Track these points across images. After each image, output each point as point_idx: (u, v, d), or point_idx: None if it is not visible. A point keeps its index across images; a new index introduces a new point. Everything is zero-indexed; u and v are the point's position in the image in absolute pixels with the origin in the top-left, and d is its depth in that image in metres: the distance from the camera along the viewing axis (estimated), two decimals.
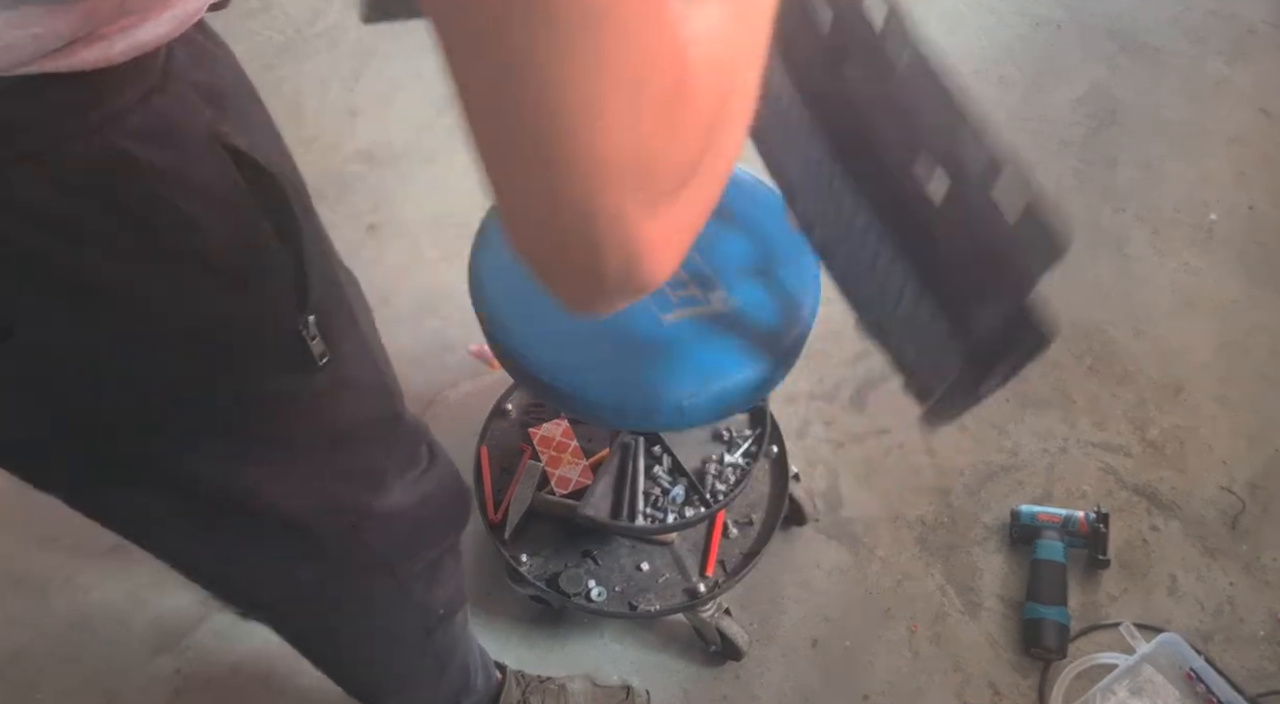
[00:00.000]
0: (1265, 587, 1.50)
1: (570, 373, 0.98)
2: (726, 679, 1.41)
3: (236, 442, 0.67)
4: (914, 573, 1.52)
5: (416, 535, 0.87)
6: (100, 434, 0.62)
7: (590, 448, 1.36)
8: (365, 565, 0.84)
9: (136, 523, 0.74)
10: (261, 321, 0.62)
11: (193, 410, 0.63)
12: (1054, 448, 1.66)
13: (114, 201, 0.52)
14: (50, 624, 1.46)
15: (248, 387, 0.64)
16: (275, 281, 0.62)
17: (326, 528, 0.78)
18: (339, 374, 0.69)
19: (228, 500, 0.70)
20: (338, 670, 1.04)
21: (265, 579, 0.82)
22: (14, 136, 0.48)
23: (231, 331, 0.61)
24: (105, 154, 0.51)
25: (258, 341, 0.63)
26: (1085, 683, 1.40)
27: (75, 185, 0.50)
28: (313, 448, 0.73)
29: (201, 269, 0.57)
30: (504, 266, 1.07)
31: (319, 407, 0.70)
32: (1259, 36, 2.39)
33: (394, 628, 0.94)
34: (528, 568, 1.33)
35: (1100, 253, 1.93)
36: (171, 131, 0.54)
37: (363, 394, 0.76)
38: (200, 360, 0.60)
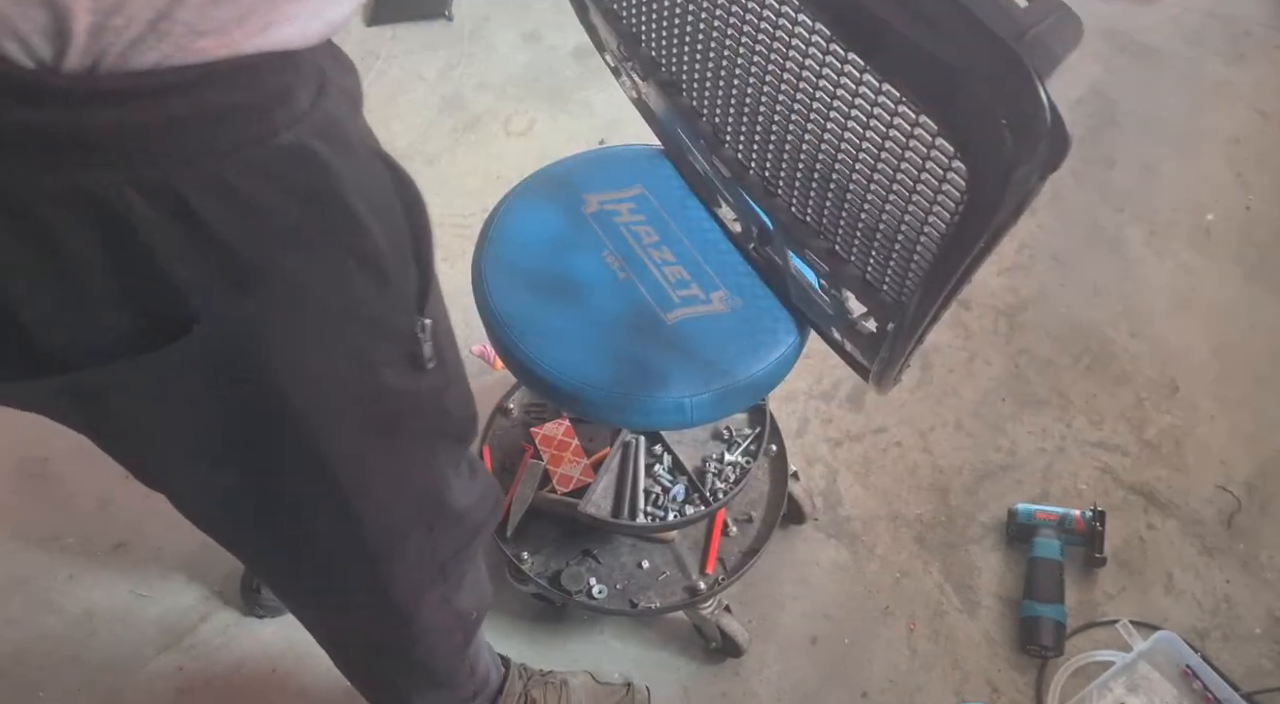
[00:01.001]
0: (1262, 585, 1.51)
1: (572, 372, 0.99)
2: (726, 676, 1.42)
3: (360, 436, 0.69)
4: (912, 571, 1.53)
5: (468, 537, 0.89)
6: (269, 424, 0.63)
7: (591, 447, 1.37)
8: (429, 575, 0.87)
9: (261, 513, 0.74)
10: (391, 319, 0.66)
11: (335, 400, 0.65)
12: (1051, 447, 1.67)
13: (305, 196, 0.55)
14: (53, 623, 1.47)
15: (376, 380, 0.67)
16: (406, 282, 0.65)
17: (412, 531, 0.81)
18: (443, 376, 0.73)
19: (343, 495, 0.71)
20: (371, 675, 1.05)
21: (334, 577, 0.83)
22: (229, 126, 0.50)
23: (369, 326, 0.64)
24: (297, 149, 0.54)
25: (385, 337, 0.66)
26: (1082, 680, 1.41)
27: (276, 178, 0.53)
28: (415, 446, 0.76)
29: (358, 264, 0.60)
30: (507, 266, 1.08)
31: (425, 406, 0.74)
32: (1256, 38, 2.40)
33: (437, 635, 0.96)
34: (529, 566, 1.33)
35: (1098, 253, 1.94)
36: (337, 132, 0.57)
37: (459, 397, 0.80)
38: (343, 351, 0.63)
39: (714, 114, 0.92)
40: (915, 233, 0.72)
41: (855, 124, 0.72)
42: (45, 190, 0.48)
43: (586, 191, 1.14)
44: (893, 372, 0.85)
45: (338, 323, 0.62)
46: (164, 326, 0.54)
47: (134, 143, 0.48)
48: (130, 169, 0.48)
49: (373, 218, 0.59)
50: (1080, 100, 2.24)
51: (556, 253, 1.09)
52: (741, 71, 0.82)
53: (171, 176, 0.49)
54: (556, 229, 1.11)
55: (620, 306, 1.05)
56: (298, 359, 0.60)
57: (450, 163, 2.09)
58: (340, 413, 0.66)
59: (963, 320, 1.84)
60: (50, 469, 1.61)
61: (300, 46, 0.52)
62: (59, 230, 0.49)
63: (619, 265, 1.08)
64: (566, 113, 2.20)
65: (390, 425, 0.71)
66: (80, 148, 0.47)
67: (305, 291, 0.58)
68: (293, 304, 0.58)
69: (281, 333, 0.59)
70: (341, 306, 0.61)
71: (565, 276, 1.07)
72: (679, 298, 1.05)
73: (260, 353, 0.59)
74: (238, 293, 0.55)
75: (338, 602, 0.88)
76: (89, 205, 0.48)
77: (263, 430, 0.64)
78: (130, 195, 0.48)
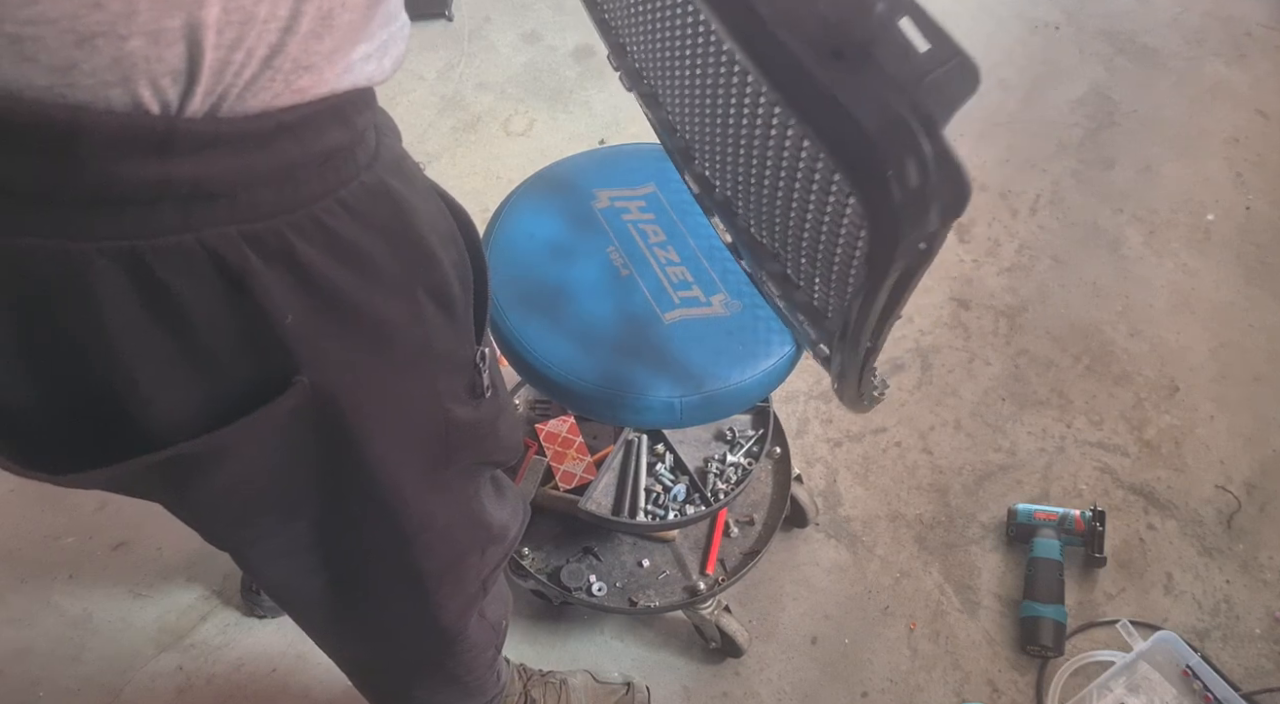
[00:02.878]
0: (1262, 585, 1.51)
1: (565, 366, 1.00)
2: (726, 676, 1.42)
3: (429, 471, 0.69)
4: (912, 571, 1.53)
5: (508, 551, 0.90)
6: (346, 469, 0.62)
7: (595, 445, 1.37)
8: (475, 594, 0.87)
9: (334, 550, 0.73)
10: (456, 351, 0.65)
11: (410, 438, 0.65)
12: (1051, 447, 1.67)
13: (387, 232, 0.54)
14: (53, 622, 1.46)
15: (445, 414, 0.66)
16: (468, 313, 0.66)
17: (469, 556, 0.81)
18: (497, 404, 0.74)
19: (410, 531, 0.71)
20: (400, 696, 1.04)
21: (388, 611, 0.83)
22: (328, 167, 0.50)
23: (439, 359, 0.63)
24: (378, 187, 0.53)
25: (452, 369, 0.66)
26: (1082, 680, 1.41)
27: (362, 216, 0.52)
28: (472, 474, 0.76)
29: (430, 297, 0.60)
30: (513, 258, 1.08)
31: (484, 433, 0.74)
32: (1256, 38, 2.40)
33: (476, 652, 0.96)
34: (530, 562, 1.33)
35: (1098, 253, 1.95)
36: (404, 168, 0.57)
37: (510, 422, 0.80)
38: (418, 387, 0.63)
39: (685, 130, 0.92)
40: (845, 266, 0.73)
41: (774, 150, 0.73)
42: (168, 251, 0.46)
43: (598, 187, 1.14)
44: (851, 393, 0.85)
45: (415, 358, 0.61)
46: (265, 384, 0.53)
47: (251, 191, 0.47)
48: (247, 220, 0.47)
49: (442, 250, 0.59)
50: (1080, 101, 2.24)
51: (563, 246, 1.09)
52: (699, 93, 0.82)
53: (279, 223, 0.48)
54: (565, 223, 1.11)
55: (620, 303, 1.05)
56: (381, 400, 0.60)
57: (450, 163, 2.09)
58: (413, 450, 0.66)
59: (963, 321, 1.84)
60: None
61: (378, 82, 0.53)
62: (181, 292, 0.47)
63: (623, 262, 1.08)
64: (566, 113, 2.20)
65: (451, 457, 0.71)
66: (203, 200, 0.45)
67: (390, 329, 0.58)
68: (379, 344, 0.57)
69: (369, 374, 0.58)
70: (418, 341, 0.60)
71: (569, 271, 1.07)
72: (679, 299, 1.05)
73: (349, 397, 0.58)
74: (335, 338, 0.54)
75: (385, 633, 0.87)
76: (209, 262, 0.47)
77: (339, 476, 0.63)
78: (246, 249, 0.47)
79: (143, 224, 0.45)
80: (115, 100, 0.42)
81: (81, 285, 0.45)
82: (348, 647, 0.94)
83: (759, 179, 0.79)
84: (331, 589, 0.77)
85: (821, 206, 0.70)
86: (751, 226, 0.88)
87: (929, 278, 1.89)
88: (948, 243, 1.95)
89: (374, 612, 0.83)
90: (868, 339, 0.71)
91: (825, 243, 0.73)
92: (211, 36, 0.42)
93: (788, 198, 0.75)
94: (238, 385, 0.53)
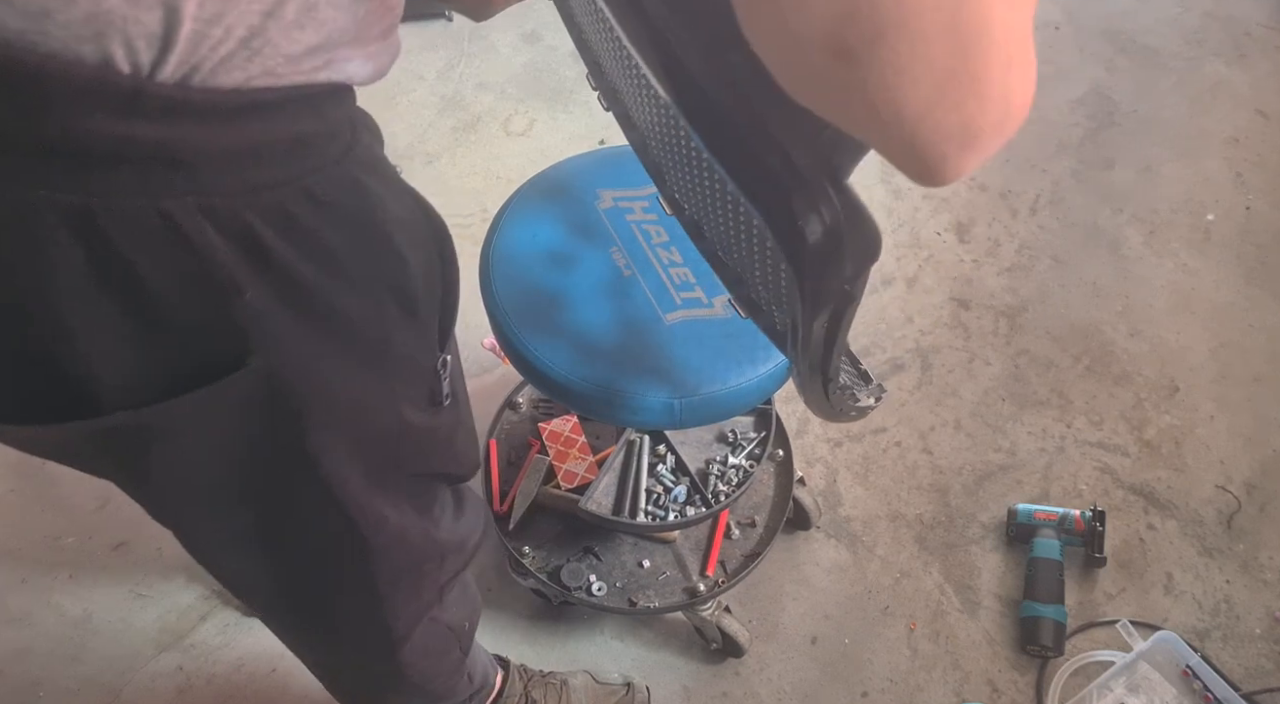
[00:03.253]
0: (1262, 585, 1.51)
1: (564, 365, 1.00)
2: (726, 676, 1.42)
3: (380, 473, 0.68)
4: (912, 571, 1.53)
5: (467, 559, 0.90)
6: (295, 460, 0.62)
7: (598, 444, 1.37)
8: (430, 601, 0.86)
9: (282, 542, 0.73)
10: (417, 355, 0.65)
11: (361, 436, 0.64)
12: (1051, 447, 1.67)
13: (354, 226, 0.54)
14: (53, 623, 1.46)
15: (399, 417, 0.66)
16: (433, 319, 0.65)
17: (426, 564, 0.81)
18: (456, 414, 0.73)
19: (360, 533, 0.70)
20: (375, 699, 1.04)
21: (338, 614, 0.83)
22: (296, 154, 0.50)
23: (398, 361, 0.63)
24: (349, 180, 0.54)
25: (411, 373, 0.65)
26: (1082, 680, 1.41)
27: (329, 207, 0.52)
28: (426, 483, 0.76)
29: (394, 297, 0.59)
30: (515, 256, 1.08)
31: (440, 443, 0.73)
32: (1256, 38, 2.40)
33: (433, 659, 0.95)
34: (530, 560, 1.34)
35: (1098, 253, 1.95)
36: (379, 168, 0.57)
37: (467, 437, 0.80)
38: (373, 386, 0.62)
39: (655, 153, 0.93)
40: (789, 300, 0.73)
41: (715, 186, 0.73)
42: (123, 214, 0.46)
43: (602, 187, 1.15)
44: (823, 410, 0.86)
45: (373, 357, 0.61)
46: (215, 363, 0.52)
47: (213, 165, 0.47)
48: (206, 194, 0.47)
49: (410, 252, 0.59)
50: (1080, 100, 2.24)
51: (566, 246, 1.09)
52: (653, 121, 0.83)
53: (239, 203, 0.48)
54: (568, 222, 1.11)
55: (621, 303, 1.05)
56: (336, 394, 0.60)
57: (450, 163, 2.09)
58: (364, 449, 0.65)
59: (963, 321, 1.84)
60: (50, 468, 1.61)
61: (359, 82, 0.53)
62: (133, 258, 0.47)
63: (625, 263, 1.08)
64: (566, 113, 2.20)
65: (403, 463, 0.70)
66: (164, 167, 0.45)
67: (350, 324, 0.57)
68: (338, 337, 0.57)
69: (325, 365, 0.58)
70: (377, 341, 0.60)
71: (571, 270, 1.07)
72: (681, 300, 1.05)
73: (303, 386, 0.57)
74: (292, 325, 0.54)
75: (336, 635, 0.87)
76: (164, 231, 0.46)
77: (289, 468, 0.63)
78: (203, 221, 0.47)
79: (100, 183, 0.44)
80: (87, 55, 0.42)
81: (31, 236, 0.45)
82: (307, 649, 0.94)
83: (712, 208, 0.80)
84: (282, 585, 0.77)
85: (757, 244, 0.71)
86: (719, 250, 0.89)
87: (929, 278, 1.90)
88: (948, 243, 1.96)
89: (324, 613, 0.82)
90: (820, 368, 0.72)
91: (771, 277, 0.74)
92: (192, 8, 0.42)
93: (735, 231, 0.76)
94: (189, 362, 0.52)
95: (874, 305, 1.85)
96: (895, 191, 2.05)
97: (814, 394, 0.79)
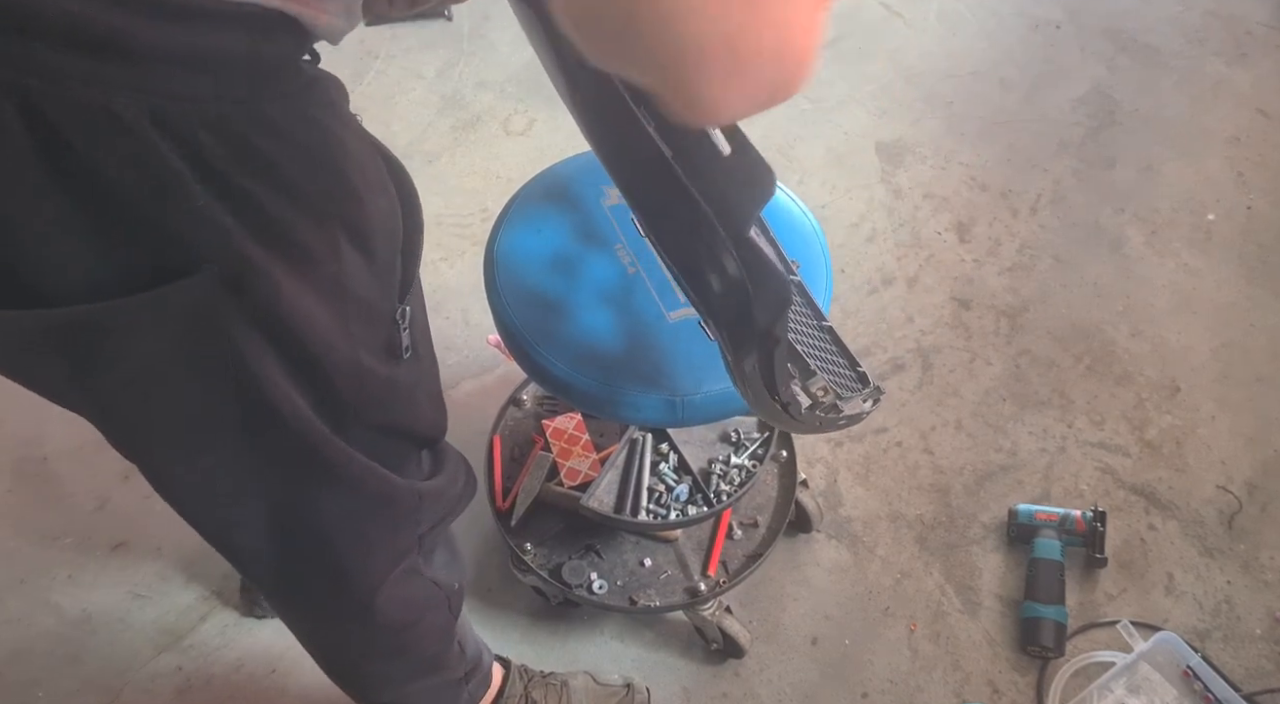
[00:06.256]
0: (1263, 586, 1.51)
1: (567, 361, 0.99)
2: (726, 677, 1.42)
3: (342, 412, 0.68)
4: (913, 572, 1.53)
5: (444, 512, 0.89)
6: (256, 389, 0.61)
7: (602, 442, 1.37)
8: (406, 546, 0.86)
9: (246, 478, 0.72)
10: (374, 301, 0.65)
11: (319, 370, 0.64)
12: (1052, 447, 1.67)
13: (308, 157, 0.55)
14: (52, 623, 1.46)
15: (356, 358, 0.66)
16: (393, 268, 0.66)
17: (400, 505, 0.80)
18: (418, 370, 0.73)
19: (325, 466, 0.70)
20: (361, 674, 1.03)
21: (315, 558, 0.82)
22: (250, 73, 0.50)
23: (353, 303, 0.63)
24: (303, 112, 0.55)
25: (367, 317, 0.65)
26: (1083, 681, 1.41)
27: (282, 134, 0.53)
28: (396, 439, 0.76)
29: (349, 236, 0.60)
30: (520, 253, 1.08)
31: (401, 396, 0.73)
32: (1257, 37, 2.39)
33: (418, 610, 0.94)
34: (532, 557, 1.33)
35: (1099, 253, 1.94)
36: (339, 112, 0.58)
37: (431, 395, 0.80)
38: (329, 322, 0.62)
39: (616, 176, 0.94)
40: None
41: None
42: (73, 104, 0.45)
43: (607, 184, 1.14)
44: (791, 428, 0.86)
45: (329, 291, 0.61)
46: (171, 268, 0.52)
47: (164, 67, 0.47)
48: (156, 94, 0.47)
49: (368, 194, 0.60)
50: (1081, 100, 2.24)
51: (569, 243, 1.09)
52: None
53: (190, 113, 0.48)
54: (573, 220, 1.11)
55: (625, 301, 1.04)
56: (291, 321, 0.59)
57: (450, 162, 2.08)
58: (319, 385, 0.64)
59: (964, 320, 1.84)
60: (49, 468, 1.61)
61: (309, 26, 0.54)
62: (84, 150, 0.47)
63: (629, 260, 1.08)
64: (566, 112, 2.19)
65: (364, 411, 0.70)
66: (116, 60, 0.45)
67: (306, 253, 0.57)
68: (294, 263, 0.57)
69: (281, 290, 0.57)
70: (332, 276, 0.60)
71: (575, 266, 1.07)
72: (684, 298, 1.05)
73: (259, 305, 0.57)
74: (247, 241, 0.54)
75: (311, 589, 0.85)
76: (115, 128, 0.47)
77: (245, 392, 0.61)
78: (150, 126, 0.47)
79: (48, 64, 0.44)
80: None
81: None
82: (294, 615, 0.93)
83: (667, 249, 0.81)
84: (257, 535, 0.75)
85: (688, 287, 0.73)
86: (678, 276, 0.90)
87: (930, 277, 1.89)
88: (948, 242, 1.95)
89: (300, 558, 0.80)
90: (765, 397, 0.73)
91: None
92: None
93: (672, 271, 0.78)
94: (144, 264, 0.52)
95: (874, 305, 1.85)
96: (896, 191, 2.04)
97: (776, 418, 0.79)
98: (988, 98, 2.24)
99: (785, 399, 0.74)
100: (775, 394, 0.72)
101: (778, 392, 0.72)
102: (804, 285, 1.00)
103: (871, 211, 2.00)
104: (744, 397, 0.77)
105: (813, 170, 2.08)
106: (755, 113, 0.44)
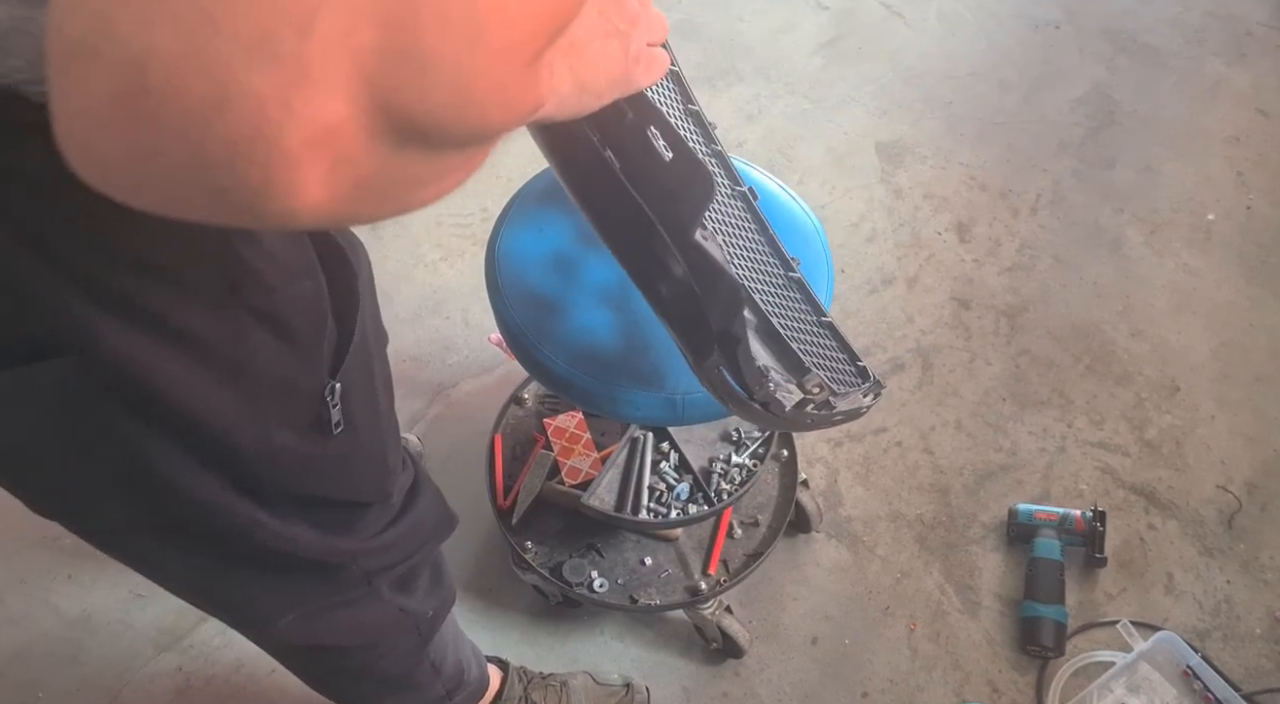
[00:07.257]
0: (1263, 585, 1.51)
1: (568, 358, 0.99)
2: (726, 677, 1.42)
3: (253, 486, 0.65)
4: (913, 571, 1.53)
5: (401, 553, 0.87)
6: (138, 468, 0.59)
7: (603, 441, 1.37)
8: (354, 581, 0.84)
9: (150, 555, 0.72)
10: (296, 380, 0.62)
11: (216, 448, 0.61)
12: (1052, 447, 1.67)
13: (196, 257, 0.52)
14: (51, 623, 1.46)
15: (267, 439, 0.62)
16: (321, 342, 0.62)
17: (330, 559, 0.79)
18: (352, 442, 0.69)
19: (234, 535, 0.68)
20: (331, 686, 1.03)
21: (268, 602, 0.83)
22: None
23: (266, 384, 0.60)
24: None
25: (285, 397, 0.62)
26: (1083, 680, 1.41)
27: (161, 235, 0.49)
28: (314, 501, 0.73)
29: (257, 321, 0.56)
30: (522, 248, 1.08)
31: (332, 469, 0.70)
32: (1257, 38, 2.40)
33: (387, 636, 0.93)
34: (532, 555, 1.33)
35: (1099, 253, 1.94)
36: None
37: (371, 464, 0.76)
38: (228, 401, 0.59)
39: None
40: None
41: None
42: None
43: None
44: (774, 426, 0.87)
45: (229, 374, 0.57)
46: (41, 349, 0.50)
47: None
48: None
49: (279, 281, 0.56)
50: (1081, 100, 2.24)
51: (571, 242, 1.09)
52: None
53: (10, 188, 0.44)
54: (574, 219, 1.11)
55: (625, 299, 1.04)
56: (182, 404, 0.56)
57: None
58: (224, 462, 0.62)
59: (963, 320, 1.84)
60: None
61: None
62: None
63: None
64: None
65: (283, 483, 0.67)
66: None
67: (197, 339, 0.54)
68: (180, 348, 0.54)
69: (163, 374, 0.54)
70: (234, 359, 0.57)
71: (576, 266, 1.07)
72: None
73: (133, 394, 0.54)
74: (110, 330, 0.50)
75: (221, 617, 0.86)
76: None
77: (135, 476, 0.59)
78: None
79: None
80: None
81: None
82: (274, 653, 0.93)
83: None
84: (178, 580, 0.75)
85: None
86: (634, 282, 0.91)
87: (930, 277, 1.89)
88: (948, 242, 1.95)
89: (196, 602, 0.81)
90: (742, 394, 0.74)
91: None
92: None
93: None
94: (10, 339, 0.50)
95: (874, 305, 1.85)
96: (896, 191, 2.05)
97: (756, 418, 0.79)
98: (987, 98, 2.24)
99: (762, 398, 0.74)
100: (751, 393, 0.72)
101: (753, 391, 0.72)
102: (804, 282, 0.99)
103: (871, 212, 2.00)
104: (716, 398, 0.78)
105: (813, 170, 2.08)
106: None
